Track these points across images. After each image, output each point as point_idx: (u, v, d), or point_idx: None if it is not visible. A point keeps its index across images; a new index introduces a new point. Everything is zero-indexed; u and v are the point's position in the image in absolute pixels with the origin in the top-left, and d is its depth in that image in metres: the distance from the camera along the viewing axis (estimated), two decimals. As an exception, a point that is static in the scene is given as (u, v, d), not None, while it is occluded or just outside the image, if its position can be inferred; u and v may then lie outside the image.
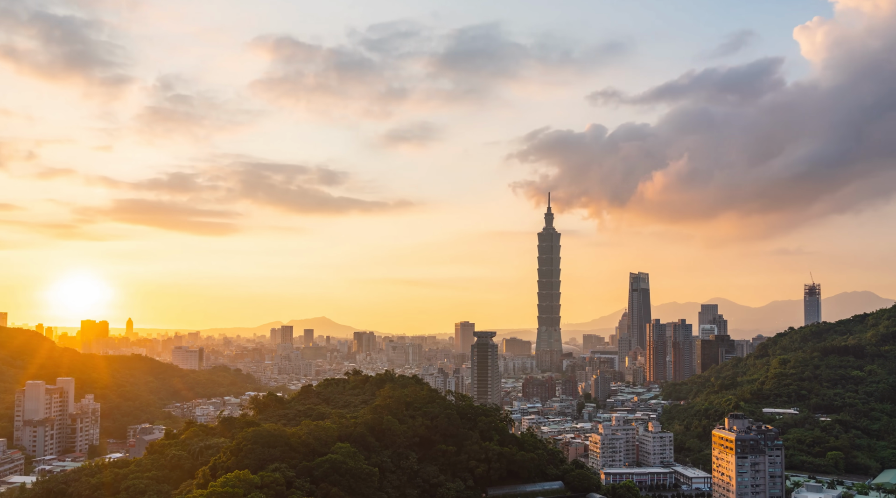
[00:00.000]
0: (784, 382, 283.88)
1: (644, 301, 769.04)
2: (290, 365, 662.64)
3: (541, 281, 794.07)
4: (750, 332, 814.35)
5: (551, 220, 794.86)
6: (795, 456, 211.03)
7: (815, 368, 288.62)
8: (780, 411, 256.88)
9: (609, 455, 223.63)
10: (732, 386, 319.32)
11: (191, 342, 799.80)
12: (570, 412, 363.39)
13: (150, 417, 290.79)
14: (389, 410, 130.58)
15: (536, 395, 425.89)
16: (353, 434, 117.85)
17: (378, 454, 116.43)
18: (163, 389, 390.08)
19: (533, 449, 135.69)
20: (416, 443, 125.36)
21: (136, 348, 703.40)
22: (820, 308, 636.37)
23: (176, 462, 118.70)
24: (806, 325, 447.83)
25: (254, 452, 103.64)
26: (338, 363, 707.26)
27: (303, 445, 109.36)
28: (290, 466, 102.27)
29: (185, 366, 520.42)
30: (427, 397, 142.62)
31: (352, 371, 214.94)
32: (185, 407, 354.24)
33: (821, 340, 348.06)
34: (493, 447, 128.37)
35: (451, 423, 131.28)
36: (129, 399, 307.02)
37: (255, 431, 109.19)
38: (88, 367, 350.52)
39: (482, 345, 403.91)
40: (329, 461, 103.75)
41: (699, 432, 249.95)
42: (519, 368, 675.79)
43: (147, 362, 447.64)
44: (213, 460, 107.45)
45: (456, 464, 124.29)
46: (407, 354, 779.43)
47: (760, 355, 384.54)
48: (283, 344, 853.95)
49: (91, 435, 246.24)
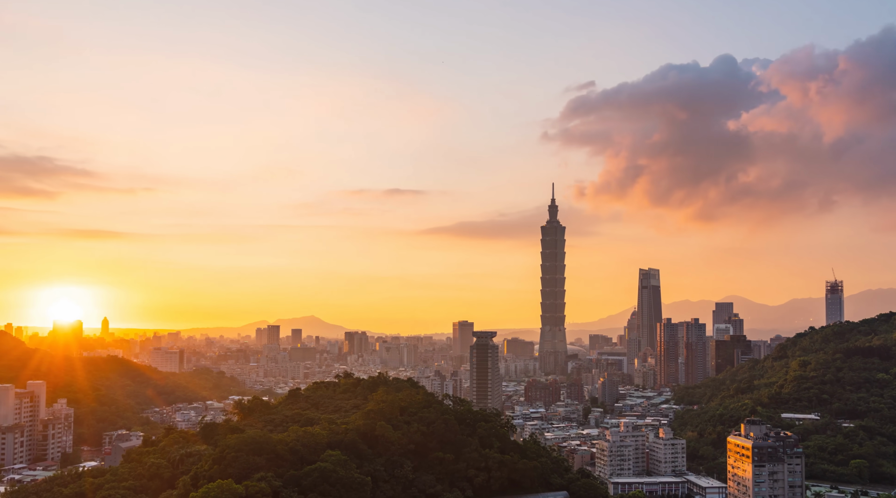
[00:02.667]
0: (804, 386, 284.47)
1: (654, 299, 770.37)
2: (277, 367, 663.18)
3: (544, 277, 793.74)
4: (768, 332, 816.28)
5: (555, 213, 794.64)
6: (816, 464, 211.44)
7: (838, 371, 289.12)
8: (799, 417, 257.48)
9: (617, 463, 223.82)
10: (749, 390, 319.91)
11: (171, 343, 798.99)
12: (576, 418, 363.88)
13: (127, 422, 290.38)
14: (383, 415, 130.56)
15: (539, 399, 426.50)
16: (344, 441, 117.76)
17: (371, 462, 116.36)
18: (141, 393, 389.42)
19: (536, 457, 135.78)
20: (411, 450, 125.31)
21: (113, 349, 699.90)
22: (843, 306, 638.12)
23: (154, 471, 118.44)
24: (828, 324, 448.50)
25: (238, 461, 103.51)
26: (328, 365, 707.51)
27: (290, 453, 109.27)
28: (277, 476, 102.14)
29: (165, 368, 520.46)
30: (423, 402, 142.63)
31: (342, 374, 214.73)
32: (164, 412, 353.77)
33: (843, 340, 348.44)
34: (493, 455, 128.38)
35: (448, 429, 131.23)
36: (105, 404, 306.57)
37: (240, 438, 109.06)
38: (61, 369, 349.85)
39: (482, 346, 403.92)
40: (318, 470, 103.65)
41: (713, 439, 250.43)
42: (521, 371, 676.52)
43: (124, 364, 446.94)
44: (194, 469, 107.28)
45: (454, 473, 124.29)
46: (401, 356, 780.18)
47: (779, 357, 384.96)
48: (270, 345, 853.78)
49: (64, 442, 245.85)
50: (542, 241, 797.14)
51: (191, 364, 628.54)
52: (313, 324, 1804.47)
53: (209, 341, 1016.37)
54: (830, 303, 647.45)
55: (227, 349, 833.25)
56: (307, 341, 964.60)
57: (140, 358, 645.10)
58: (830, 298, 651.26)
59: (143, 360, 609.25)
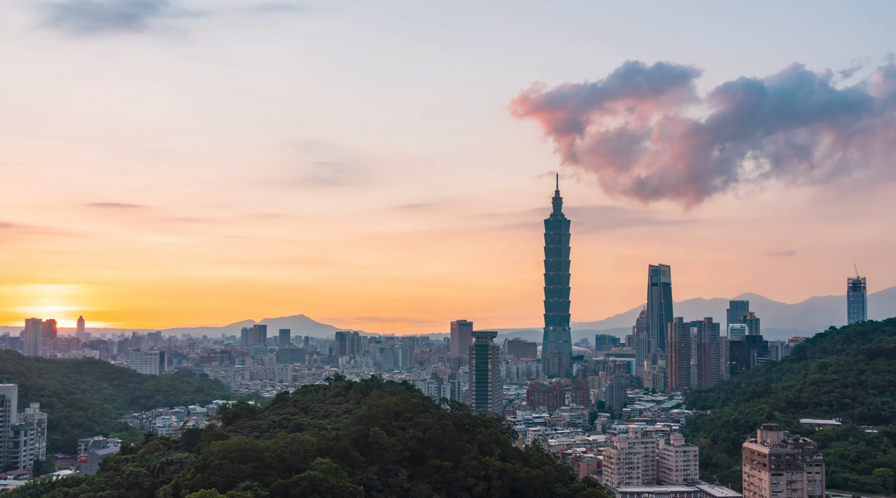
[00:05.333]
0: (824, 389, 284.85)
1: (665, 297, 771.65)
2: (264, 369, 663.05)
3: (548, 274, 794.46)
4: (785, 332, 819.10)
5: (560, 205, 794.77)
6: (837, 473, 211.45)
7: (860, 374, 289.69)
8: (819, 422, 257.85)
9: (625, 472, 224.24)
10: (765, 393, 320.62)
11: (151, 344, 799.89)
12: (582, 423, 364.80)
13: (104, 428, 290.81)
14: (376, 420, 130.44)
15: (543, 403, 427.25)
16: (335, 448, 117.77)
17: (363, 471, 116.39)
18: (118, 397, 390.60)
19: (539, 465, 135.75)
20: (406, 458, 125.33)
21: (89, 350, 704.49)
22: (865, 305, 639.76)
23: (133, 480, 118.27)
24: (849, 324, 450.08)
25: (222, 469, 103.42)
26: (317, 367, 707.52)
27: (278, 461, 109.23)
28: (264, 485, 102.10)
29: (145, 370, 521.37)
30: (419, 406, 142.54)
31: (333, 376, 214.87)
32: (143, 417, 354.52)
33: (867, 340, 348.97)
34: (493, 463, 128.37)
35: (445, 435, 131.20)
36: (81, 408, 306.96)
37: (224, 445, 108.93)
38: (33, 371, 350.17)
39: (481, 346, 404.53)
40: (307, 479, 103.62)
41: (727, 446, 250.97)
42: (523, 373, 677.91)
43: (101, 366, 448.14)
44: (175, 478, 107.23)
45: (451, 481, 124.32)
46: (396, 357, 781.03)
47: (797, 358, 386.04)
48: (256, 345, 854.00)
49: (36, 449, 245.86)
50: (546, 234, 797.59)
51: (172, 366, 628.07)
52: (302, 323, 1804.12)
53: (191, 342, 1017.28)
54: (852, 301, 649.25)
55: (211, 350, 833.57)
56: (296, 342, 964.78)
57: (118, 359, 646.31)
58: (852, 295, 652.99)
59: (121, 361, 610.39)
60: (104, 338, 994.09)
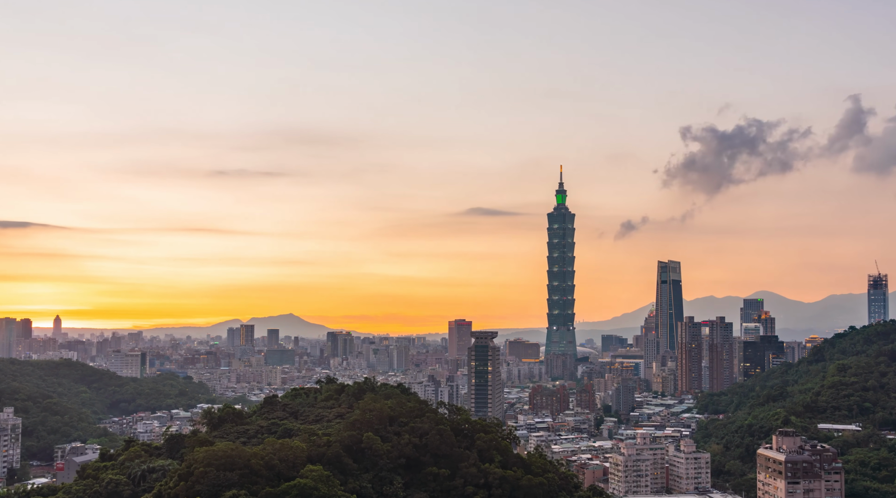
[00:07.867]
0: (843, 393, 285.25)
1: (675, 295, 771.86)
2: (251, 372, 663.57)
3: (551, 271, 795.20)
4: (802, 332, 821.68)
5: (564, 199, 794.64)
6: (857, 481, 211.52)
7: (882, 376, 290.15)
8: (838, 428, 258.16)
9: (633, 480, 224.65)
10: (781, 397, 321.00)
11: (131, 344, 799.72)
12: (587, 428, 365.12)
13: (82, 434, 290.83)
14: (370, 425, 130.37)
15: (546, 407, 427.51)
16: (327, 455, 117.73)
17: (356, 478, 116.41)
18: (97, 401, 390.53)
19: (542, 472, 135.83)
20: (401, 465, 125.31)
21: (66, 351, 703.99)
22: (887, 303, 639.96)
23: (113, 488, 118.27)
24: (870, 323, 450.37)
25: (207, 477, 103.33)
26: (308, 369, 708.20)
27: (266, 468, 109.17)
28: (251, 494, 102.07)
29: (125, 372, 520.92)
30: (415, 410, 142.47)
31: (325, 379, 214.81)
32: (124, 422, 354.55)
33: (888, 341, 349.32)
34: (493, 470, 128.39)
35: (443, 441, 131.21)
36: (57, 413, 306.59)
37: (209, 452, 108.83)
38: (7, 374, 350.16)
39: (481, 347, 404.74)
40: (297, 487, 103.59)
41: (741, 453, 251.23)
42: (525, 376, 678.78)
43: (79, 368, 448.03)
44: (158, 487, 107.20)
45: (449, 490, 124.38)
46: (391, 359, 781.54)
47: (815, 360, 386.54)
48: (243, 346, 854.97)
49: (10, 456, 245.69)
50: (549, 229, 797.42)
51: (154, 368, 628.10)
52: (292, 323, 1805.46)
53: (174, 342, 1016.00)
54: (873, 299, 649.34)
55: (195, 351, 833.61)
56: (285, 343, 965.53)
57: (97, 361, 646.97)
58: (873, 293, 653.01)
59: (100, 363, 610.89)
60: (82, 338, 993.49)
